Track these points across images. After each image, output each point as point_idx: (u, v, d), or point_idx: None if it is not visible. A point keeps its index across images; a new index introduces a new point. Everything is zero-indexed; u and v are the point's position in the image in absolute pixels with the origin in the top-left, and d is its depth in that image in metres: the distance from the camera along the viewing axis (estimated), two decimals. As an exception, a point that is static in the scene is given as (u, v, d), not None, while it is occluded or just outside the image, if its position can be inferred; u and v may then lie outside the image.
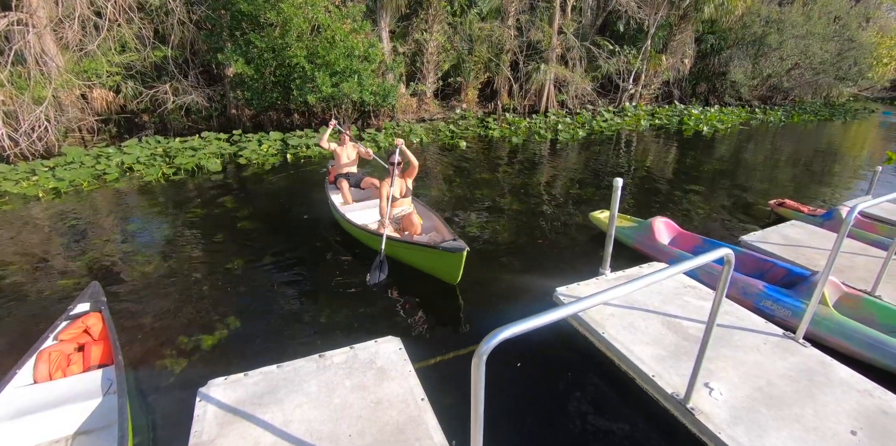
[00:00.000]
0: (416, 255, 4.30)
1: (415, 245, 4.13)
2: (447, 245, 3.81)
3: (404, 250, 4.37)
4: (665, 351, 3.01)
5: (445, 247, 3.79)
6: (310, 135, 9.45)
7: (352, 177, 6.00)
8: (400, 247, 4.38)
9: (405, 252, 4.40)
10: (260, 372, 2.76)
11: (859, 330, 3.31)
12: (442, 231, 4.75)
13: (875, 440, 2.45)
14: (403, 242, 4.31)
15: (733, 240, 5.11)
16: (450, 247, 3.78)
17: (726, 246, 2.17)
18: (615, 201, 3.77)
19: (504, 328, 1.50)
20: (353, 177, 6.00)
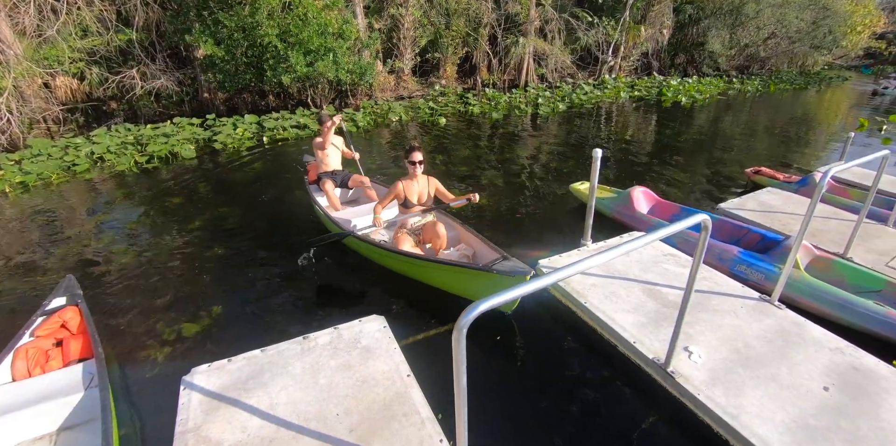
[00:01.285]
0: (455, 279, 3.41)
1: (457, 266, 3.24)
2: (503, 267, 3.03)
3: (439, 272, 3.47)
4: (646, 318, 3.04)
5: (501, 269, 2.99)
6: (286, 116, 9.17)
7: (337, 175, 5.08)
8: (433, 269, 3.47)
9: (440, 274, 3.49)
10: (244, 358, 2.71)
11: (830, 291, 3.39)
12: (471, 241, 3.94)
13: (846, 395, 2.53)
14: (439, 263, 3.35)
15: (711, 207, 5.16)
16: (508, 271, 2.98)
17: (703, 213, 2.15)
18: (595, 172, 3.73)
19: (483, 300, 1.47)
20: (339, 175, 5.09)
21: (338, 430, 2.25)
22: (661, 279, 3.46)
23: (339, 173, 5.12)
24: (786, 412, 2.40)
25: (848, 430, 2.32)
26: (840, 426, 2.34)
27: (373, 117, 9.45)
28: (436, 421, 2.29)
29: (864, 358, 2.78)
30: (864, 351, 2.83)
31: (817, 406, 2.45)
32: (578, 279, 3.43)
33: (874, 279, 3.67)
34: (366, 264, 4.16)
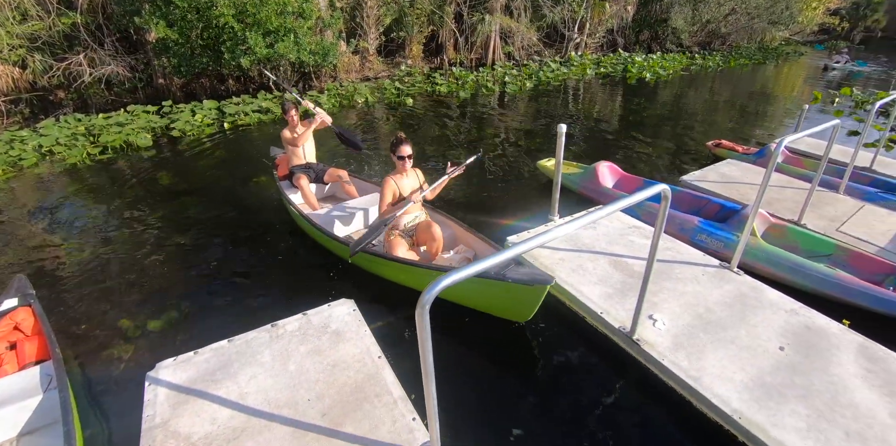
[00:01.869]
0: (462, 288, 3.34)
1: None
2: (518, 275, 2.67)
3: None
4: (612, 289, 3.08)
5: (517, 278, 2.64)
6: (247, 101, 8.78)
7: (312, 169, 4.56)
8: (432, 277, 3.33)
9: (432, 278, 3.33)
10: (210, 349, 2.63)
11: (785, 256, 3.51)
12: (470, 242, 3.60)
13: (800, 353, 2.64)
14: (440, 271, 2.90)
15: (673, 180, 5.24)
16: (527, 280, 2.63)
17: (662, 184, 2.15)
18: (560, 148, 3.71)
19: (445, 276, 1.44)
20: (314, 168, 4.57)
21: (310, 415, 2.22)
22: (627, 251, 3.50)
23: (315, 166, 4.57)
24: (744, 372, 2.49)
25: (801, 386, 2.43)
26: (794, 382, 2.45)
27: (338, 99, 9.15)
28: (408, 400, 2.28)
29: (816, 318, 2.91)
30: (817, 312, 2.95)
31: (773, 364, 2.55)
32: (547, 254, 3.44)
33: (825, 244, 3.82)
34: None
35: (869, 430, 2.22)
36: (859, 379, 2.49)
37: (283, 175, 4.63)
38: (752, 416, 2.25)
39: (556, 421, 2.48)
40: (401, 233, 3.47)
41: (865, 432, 2.21)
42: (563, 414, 2.52)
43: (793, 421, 2.23)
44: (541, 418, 2.50)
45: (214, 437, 2.12)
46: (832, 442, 2.15)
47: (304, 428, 2.17)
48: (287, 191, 4.49)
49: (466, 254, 3.51)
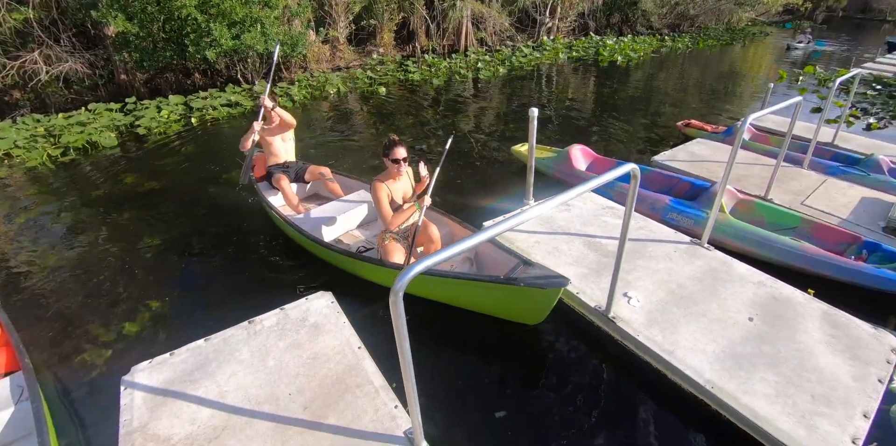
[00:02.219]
0: (469, 293, 2.83)
1: (471, 281, 2.67)
2: (531, 278, 2.50)
3: (445, 287, 2.86)
4: (587, 269, 3.11)
5: (530, 281, 2.47)
6: (214, 95, 8.49)
7: (291, 168, 4.26)
8: (437, 284, 2.83)
9: (447, 289, 2.88)
10: (186, 349, 2.56)
11: (752, 231, 3.59)
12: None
13: (768, 322, 2.72)
14: (446, 278, 2.72)
15: (645, 160, 5.30)
16: (541, 283, 2.46)
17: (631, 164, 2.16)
18: (532, 132, 3.70)
19: (418, 263, 1.41)
20: (293, 167, 4.28)
21: (291, 409, 2.19)
22: (601, 231, 3.54)
23: (293, 165, 4.28)
24: (716, 343, 2.55)
25: (770, 354, 2.51)
26: (763, 351, 2.53)
27: (309, 91, 8.92)
28: (389, 389, 2.27)
29: (782, 289, 3.00)
30: (783, 283, 3.04)
31: (743, 335, 2.62)
32: (523, 238, 3.45)
33: (790, 217, 3.93)
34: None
35: (833, 393, 2.30)
36: (824, 344, 2.58)
37: (261, 176, 4.31)
38: (724, 385, 2.31)
39: (536, 401, 2.52)
40: (395, 237, 3.22)
41: (830, 394, 2.29)
42: (543, 393, 2.55)
43: (762, 387, 2.31)
44: (522, 399, 2.53)
45: (195, 437, 2.08)
46: (799, 405, 2.23)
47: (286, 423, 2.14)
48: (266, 193, 4.17)
49: (467, 254, 3.29)
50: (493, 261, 3.15)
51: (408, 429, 2.05)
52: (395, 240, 3.20)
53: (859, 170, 4.95)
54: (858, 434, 2.12)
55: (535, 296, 2.55)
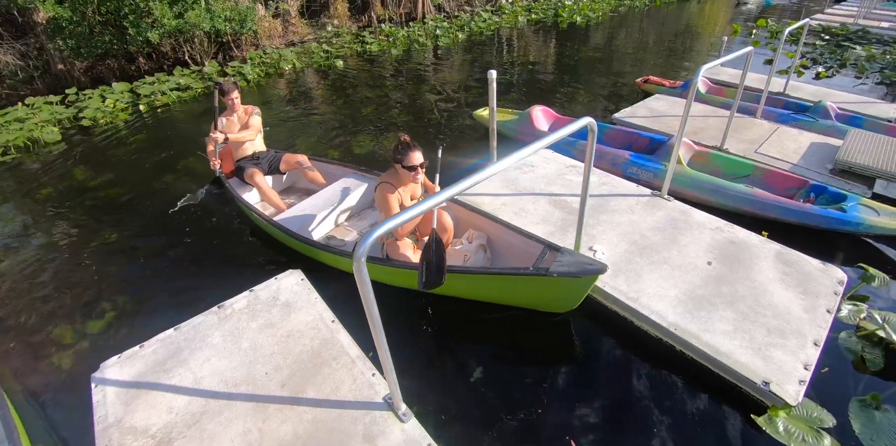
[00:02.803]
0: (493, 287, 2.55)
1: (498, 275, 2.38)
2: (563, 265, 2.27)
3: (466, 282, 2.58)
4: (553, 227, 3.12)
5: (563, 270, 2.24)
6: (162, 79, 7.95)
7: (263, 159, 3.81)
8: (458, 280, 2.53)
9: (468, 284, 2.61)
10: (156, 340, 2.47)
11: (708, 180, 3.66)
12: (479, 223, 3.07)
13: (725, 265, 2.81)
14: (467, 273, 2.46)
15: (607, 118, 5.28)
16: (574, 271, 2.23)
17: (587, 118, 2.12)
18: (492, 94, 3.59)
19: (378, 226, 1.37)
20: (265, 158, 3.83)
21: (269, 388, 2.16)
22: (566, 190, 3.54)
23: (265, 155, 3.83)
24: (678, 288, 2.62)
25: (728, 294, 2.60)
26: (721, 291, 2.61)
27: (263, 68, 8.45)
28: (366, 358, 2.26)
29: (738, 233, 3.08)
30: (739, 227, 3.13)
31: (703, 278, 2.70)
32: (489, 201, 3.42)
33: (744, 165, 4.01)
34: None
35: (786, 325, 2.42)
36: (777, 282, 2.69)
37: (229, 172, 3.87)
38: (686, 326, 2.39)
39: (510, 359, 2.56)
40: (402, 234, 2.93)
41: (783, 327, 2.41)
42: (513, 350, 2.60)
43: (721, 325, 2.40)
44: (496, 358, 2.57)
45: (174, 425, 2.04)
46: (756, 339, 2.33)
47: (265, 401, 2.11)
48: (239, 190, 3.74)
49: (480, 241, 2.98)
50: (511, 247, 2.90)
51: (386, 395, 2.06)
52: (402, 239, 2.88)
53: (808, 117, 5.07)
54: (810, 361, 2.24)
55: (570, 286, 2.32)
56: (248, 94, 7.39)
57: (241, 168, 3.79)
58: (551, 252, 2.47)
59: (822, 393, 2.34)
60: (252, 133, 3.76)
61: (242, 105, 3.82)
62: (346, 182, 3.77)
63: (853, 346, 2.62)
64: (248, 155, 3.86)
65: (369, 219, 3.70)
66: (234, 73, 8.20)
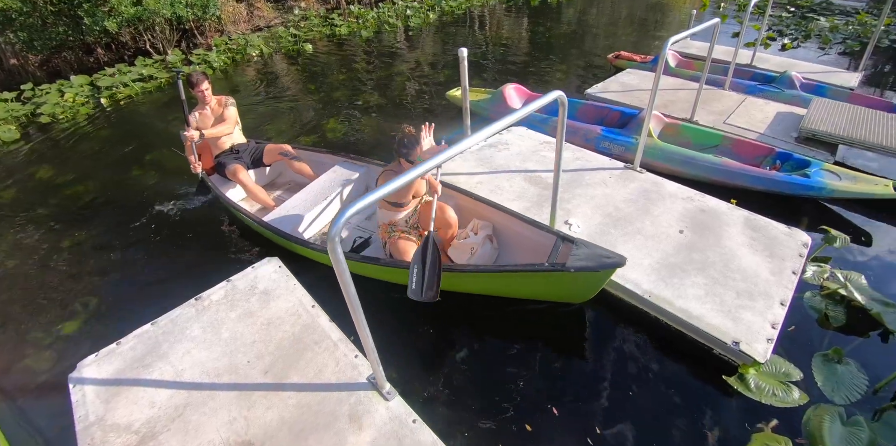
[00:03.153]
0: (506, 282, 2.46)
1: (513, 272, 2.29)
2: (581, 262, 2.15)
3: (476, 280, 2.48)
4: (529, 203, 3.12)
5: (581, 265, 2.13)
6: (123, 70, 7.57)
7: (244, 152, 3.56)
8: (468, 278, 2.46)
9: (479, 281, 2.50)
10: (133, 336, 2.41)
11: (679, 151, 3.70)
12: (482, 212, 2.91)
13: (696, 232, 2.86)
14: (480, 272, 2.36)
15: (580, 94, 5.25)
16: (591, 266, 2.13)
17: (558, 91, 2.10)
18: (463, 73, 3.52)
19: (349, 206, 1.34)
20: (246, 151, 3.57)
21: (252, 376, 2.13)
22: (540, 166, 3.53)
23: (245, 148, 3.56)
24: (651, 257, 2.66)
25: (699, 260, 2.65)
26: (693, 258, 2.66)
27: (229, 55, 8.11)
28: (348, 341, 2.25)
29: (708, 201, 3.13)
30: (710, 196, 3.18)
31: (675, 246, 2.75)
32: (465, 179, 3.39)
33: (712, 136, 4.06)
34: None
35: (755, 287, 2.49)
36: (746, 247, 2.76)
37: (209, 168, 3.61)
38: (660, 293, 2.44)
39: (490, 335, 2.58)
40: (404, 231, 2.73)
41: (752, 289, 2.47)
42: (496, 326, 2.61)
43: (693, 290, 2.45)
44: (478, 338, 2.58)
45: (157, 419, 2.00)
46: (726, 302, 2.40)
47: (249, 389, 2.09)
48: (222, 188, 3.50)
49: (486, 231, 2.80)
50: (519, 237, 2.76)
51: (370, 375, 2.05)
52: (405, 236, 2.69)
53: (774, 88, 5.14)
54: (777, 320, 2.32)
55: (587, 279, 2.24)
56: (216, 82, 7.11)
57: (221, 164, 3.52)
58: (565, 244, 2.37)
59: (789, 349, 2.43)
60: (229, 126, 3.49)
61: (214, 96, 3.54)
62: (336, 171, 3.54)
63: (817, 305, 2.72)
64: (227, 149, 3.59)
65: (364, 211, 3.54)
66: (199, 61, 7.86)
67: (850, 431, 2.03)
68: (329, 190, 3.37)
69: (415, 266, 2.22)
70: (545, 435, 2.08)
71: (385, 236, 2.78)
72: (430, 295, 2.17)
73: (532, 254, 2.64)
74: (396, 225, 2.74)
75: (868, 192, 3.28)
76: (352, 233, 3.30)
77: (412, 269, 2.22)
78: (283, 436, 1.88)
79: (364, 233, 3.28)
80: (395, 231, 2.74)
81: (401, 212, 2.70)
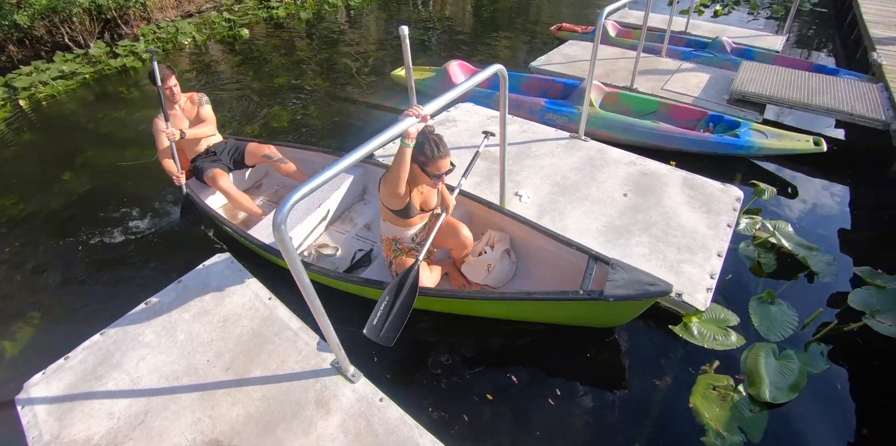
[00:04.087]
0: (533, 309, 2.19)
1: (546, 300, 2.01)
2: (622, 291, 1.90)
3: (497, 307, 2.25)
4: (479, 178, 3.11)
5: (622, 294, 1.89)
6: (41, 67, 6.86)
7: (222, 153, 3.16)
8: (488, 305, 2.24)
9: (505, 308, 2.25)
10: (82, 349, 2.25)
11: (619, 119, 3.77)
12: (496, 221, 2.59)
13: (639, 195, 2.94)
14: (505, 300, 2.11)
15: (525, 68, 5.22)
16: (632, 294, 1.89)
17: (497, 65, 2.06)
18: (406, 51, 3.38)
19: (293, 192, 1.28)
20: (224, 153, 3.17)
21: (213, 375, 2.06)
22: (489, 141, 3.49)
23: (223, 148, 3.15)
24: (598, 221, 2.73)
25: (643, 221, 2.74)
26: (637, 219, 2.75)
27: (159, 45, 7.51)
28: (309, 329, 2.20)
29: (650, 165, 3.22)
30: (650, 160, 3.27)
31: (620, 209, 2.82)
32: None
33: (650, 102, 4.15)
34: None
35: (694, 242, 2.60)
36: (685, 205, 2.87)
37: (186, 171, 3.17)
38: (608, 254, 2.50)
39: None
40: (413, 248, 2.37)
41: (691, 244, 2.59)
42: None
43: (638, 249, 2.54)
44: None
45: (118, 430, 1.90)
46: (668, 258, 2.50)
47: (211, 388, 2.02)
48: (201, 195, 3.07)
49: (503, 245, 2.47)
50: (542, 252, 2.46)
51: (333, 360, 2.03)
52: (413, 255, 2.33)
53: (708, 53, 5.29)
54: (715, 270, 2.44)
55: (626, 308, 2.00)
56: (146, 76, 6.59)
57: (198, 169, 3.09)
58: (599, 265, 2.09)
59: (727, 297, 2.58)
60: (211, 127, 3.12)
61: (183, 93, 3.07)
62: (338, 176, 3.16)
63: (751, 254, 2.90)
64: (203, 151, 3.15)
65: (363, 218, 3.07)
66: (125, 53, 7.24)
67: (783, 364, 2.20)
68: (321, 195, 2.94)
69: (384, 299, 2.01)
70: (507, 401, 2.13)
71: (389, 254, 2.38)
72: (387, 338, 1.94)
73: (556, 271, 2.37)
74: (402, 241, 2.35)
75: (791, 148, 3.47)
76: (350, 244, 2.90)
77: (379, 303, 2.00)
78: (251, 430, 1.84)
79: (364, 245, 2.86)
80: (399, 248, 2.35)
81: (408, 229, 2.31)
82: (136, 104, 5.64)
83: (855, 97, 4.04)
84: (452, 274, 2.56)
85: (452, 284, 2.53)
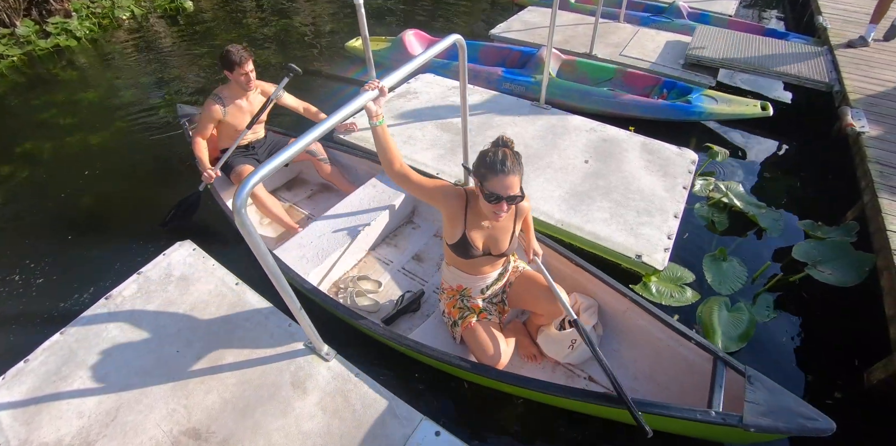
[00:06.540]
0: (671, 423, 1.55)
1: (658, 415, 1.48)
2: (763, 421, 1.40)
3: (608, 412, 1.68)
4: (443, 150, 3.02)
5: (764, 425, 1.39)
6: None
7: (260, 148, 2.72)
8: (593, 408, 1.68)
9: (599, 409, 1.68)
10: (42, 350, 2.10)
11: (575, 87, 3.71)
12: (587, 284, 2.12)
13: (600, 161, 2.93)
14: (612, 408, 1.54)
15: (485, 36, 5.02)
16: (778, 427, 1.39)
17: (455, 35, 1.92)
18: (361, 20, 3.14)
19: (252, 174, 1.19)
20: (263, 148, 2.73)
21: (185, 365, 1.98)
22: (450, 112, 3.39)
23: (261, 144, 2.71)
24: (561, 188, 2.72)
25: (603, 186, 2.74)
26: (598, 185, 2.75)
27: (94, 21, 6.78)
28: (279, 311, 2.12)
29: (609, 131, 3.20)
30: (610, 126, 3.25)
31: (582, 176, 2.81)
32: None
33: (606, 70, 4.09)
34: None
35: (652, 205, 2.63)
36: (643, 169, 2.88)
37: (214, 159, 2.68)
38: (570, 220, 2.52)
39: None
40: (484, 309, 1.84)
41: (650, 207, 2.62)
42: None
43: (599, 214, 2.56)
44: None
45: (90, 428, 1.82)
46: (628, 221, 2.53)
47: (183, 378, 1.94)
48: (223, 193, 2.66)
49: (590, 315, 2.01)
50: (641, 333, 1.98)
51: (307, 341, 1.98)
52: (485, 317, 1.81)
53: (665, 18, 5.22)
54: (672, 231, 2.49)
55: (762, 439, 1.46)
56: (84, 55, 6.00)
57: (228, 164, 2.61)
58: (730, 374, 1.58)
59: (683, 256, 2.66)
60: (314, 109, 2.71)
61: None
62: (376, 186, 2.63)
63: (705, 214, 2.97)
64: (244, 145, 2.66)
65: (412, 245, 2.61)
66: (57, 32, 6.50)
67: (734, 315, 2.31)
68: (366, 215, 2.48)
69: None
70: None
71: (453, 311, 1.85)
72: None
73: (657, 360, 1.89)
74: (471, 297, 1.81)
75: (740, 113, 3.53)
76: (395, 279, 2.43)
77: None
78: (228, 416, 1.79)
79: (412, 283, 2.41)
80: (468, 307, 1.81)
81: (477, 278, 1.78)
82: (74, 86, 5.13)
83: (802, 60, 4.10)
84: (521, 341, 2.00)
85: (519, 352, 2.00)
